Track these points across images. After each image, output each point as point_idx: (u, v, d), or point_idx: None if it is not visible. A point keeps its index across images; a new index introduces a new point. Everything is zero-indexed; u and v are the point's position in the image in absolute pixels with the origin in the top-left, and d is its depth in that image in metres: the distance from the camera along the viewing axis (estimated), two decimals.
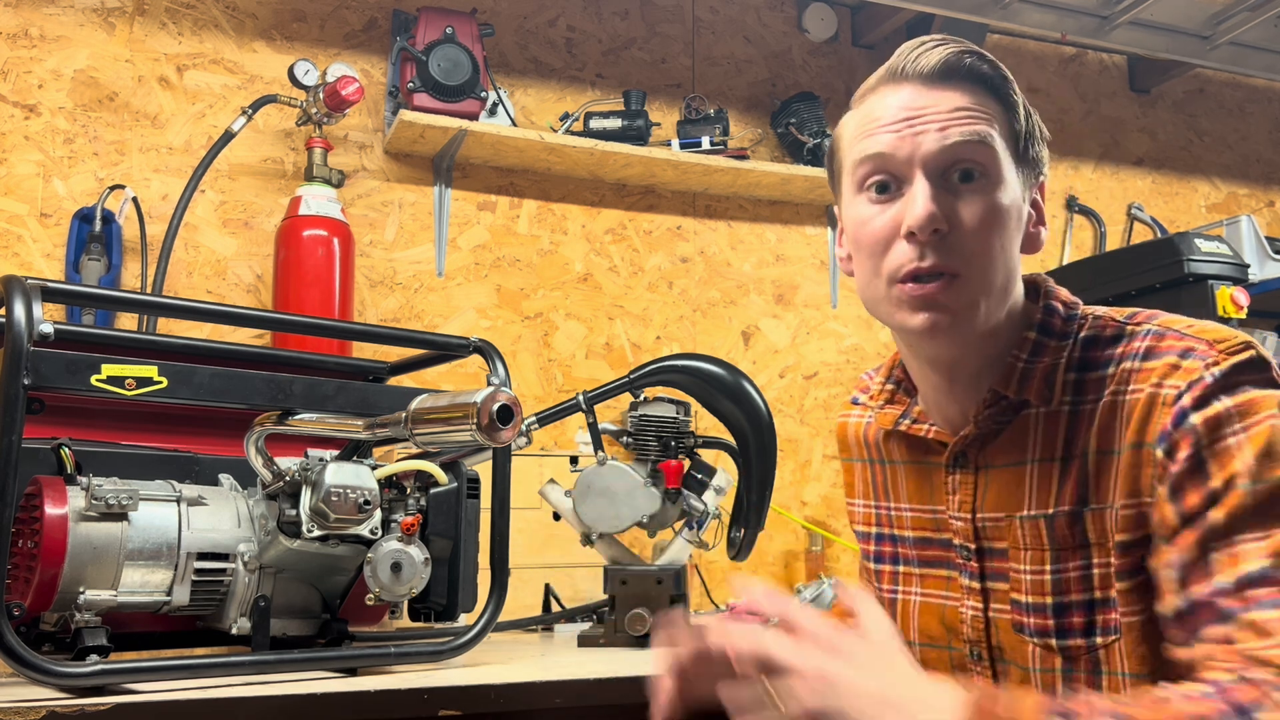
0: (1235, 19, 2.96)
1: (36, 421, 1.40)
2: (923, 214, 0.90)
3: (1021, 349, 0.97)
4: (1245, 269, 2.49)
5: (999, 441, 0.99)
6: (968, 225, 0.92)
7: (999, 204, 0.93)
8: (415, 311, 2.53)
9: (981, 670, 1.01)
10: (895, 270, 0.94)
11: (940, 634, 1.06)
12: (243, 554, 1.37)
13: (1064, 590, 0.93)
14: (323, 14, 2.55)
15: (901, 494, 1.10)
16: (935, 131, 0.92)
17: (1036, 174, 0.99)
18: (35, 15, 2.30)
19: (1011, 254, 0.95)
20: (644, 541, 2.01)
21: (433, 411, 1.24)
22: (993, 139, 0.93)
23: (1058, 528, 0.94)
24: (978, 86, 0.95)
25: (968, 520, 1.01)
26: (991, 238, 0.92)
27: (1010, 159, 0.95)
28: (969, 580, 1.02)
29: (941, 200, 0.91)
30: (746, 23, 2.99)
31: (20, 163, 2.26)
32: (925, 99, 0.94)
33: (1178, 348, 0.90)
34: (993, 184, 0.93)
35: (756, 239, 2.91)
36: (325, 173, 2.33)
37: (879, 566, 1.14)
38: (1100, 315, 0.98)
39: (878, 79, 0.98)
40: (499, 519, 1.54)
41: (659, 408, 1.88)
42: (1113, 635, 0.91)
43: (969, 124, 0.93)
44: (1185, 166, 3.48)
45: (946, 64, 0.94)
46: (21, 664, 1.14)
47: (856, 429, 1.19)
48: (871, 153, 0.94)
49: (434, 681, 1.28)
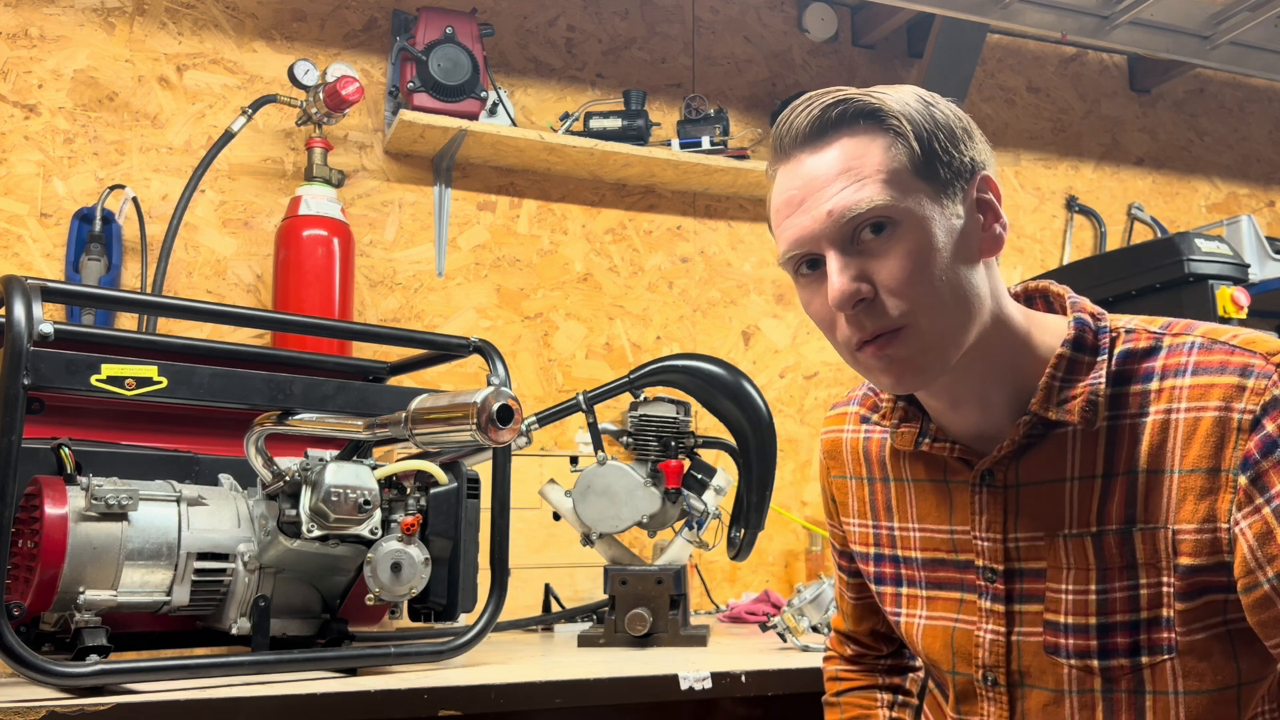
0: (1235, 19, 2.96)
1: (36, 421, 1.40)
2: (837, 291, 0.90)
3: (1057, 368, 0.95)
4: (1245, 269, 2.49)
5: (1030, 459, 0.97)
6: (891, 281, 0.90)
7: (917, 245, 0.90)
8: (415, 311, 2.53)
9: (995, 696, 0.99)
10: (847, 341, 0.94)
11: (944, 658, 1.03)
12: (243, 554, 1.37)
13: (1109, 610, 0.92)
14: (323, 14, 2.55)
15: (911, 514, 1.07)
16: (825, 210, 0.91)
17: (968, 176, 0.94)
18: (35, 15, 2.30)
19: (958, 279, 0.92)
20: (644, 541, 2.02)
21: (433, 411, 1.24)
22: (884, 190, 0.91)
23: (1106, 546, 0.92)
24: (855, 130, 0.93)
25: (997, 541, 0.98)
26: (921, 281, 0.90)
27: (917, 189, 0.92)
28: (990, 603, 0.99)
29: (857, 267, 0.91)
30: (746, 23, 2.99)
31: (20, 163, 2.26)
32: (810, 168, 0.93)
33: (1234, 365, 0.89)
34: (904, 228, 0.91)
35: (756, 239, 2.91)
36: (325, 173, 2.33)
37: (880, 588, 1.11)
38: (1133, 328, 0.96)
39: (771, 156, 0.98)
40: (499, 519, 1.54)
41: (659, 408, 1.88)
42: (1163, 655, 0.90)
43: (855, 185, 0.91)
44: (1185, 166, 3.48)
45: (817, 122, 0.93)
46: (21, 664, 1.14)
47: (854, 444, 1.14)
48: (786, 243, 0.95)
49: (434, 681, 1.28)
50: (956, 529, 1.02)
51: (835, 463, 1.16)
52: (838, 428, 1.17)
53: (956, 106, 0.98)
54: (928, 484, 1.05)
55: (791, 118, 0.94)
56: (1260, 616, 0.86)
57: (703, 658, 1.57)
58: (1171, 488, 0.90)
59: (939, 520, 1.04)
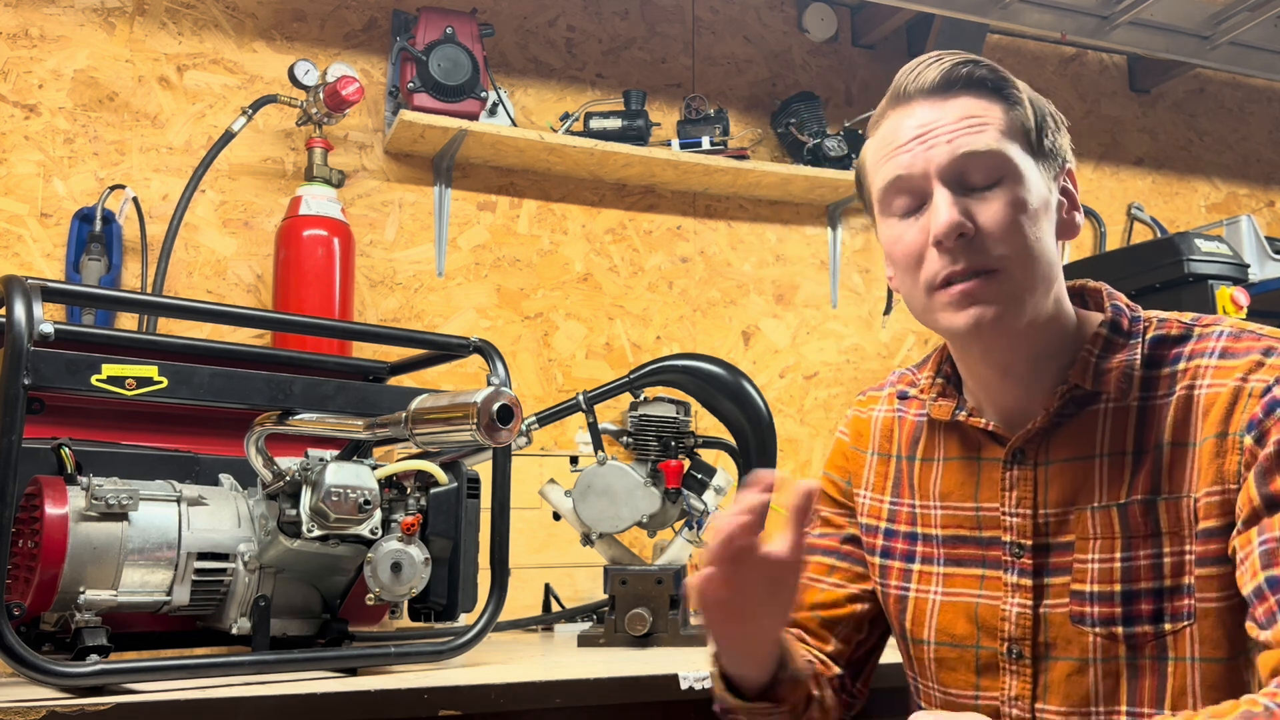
0: (1235, 19, 2.96)
1: (36, 421, 1.40)
2: (945, 221, 0.95)
3: (1094, 344, 1.01)
4: (1245, 269, 2.49)
5: (1060, 436, 1.01)
6: (994, 224, 0.96)
7: (1021, 199, 0.96)
8: (415, 311, 2.53)
9: (1019, 669, 1.01)
10: (932, 278, 0.98)
11: (967, 633, 1.05)
12: (243, 554, 1.37)
13: (1133, 578, 0.95)
14: (323, 14, 2.55)
15: (934, 492, 1.09)
16: (945, 144, 0.97)
17: (1060, 162, 1.03)
18: (35, 15, 2.30)
19: (1046, 244, 0.98)
20: (644, 541, 2.02)
21: (433, 411, 1.24)
22: (1001, 139, 0.97)
23: (1131, 516, 0.96)
24: (980, 92, 0.99)
25: (1027, 516, 1.01)
26: (1020, 231, 0.96)
27: (1025, 154, 0.99)
28: (1017, 577, 1.01)
29: (963, 205, 0.96)
30: (746, 23, 2.99)
31: (20, 163, 2.26)
32: (931, 114, 0.99)
33: (1258, 347, 0.95)
34: (1011, 181, 0.97)
35: (756, 239, 2.91)
36: (325, 173, 2.33)
37: (885, 562, 1.13)
38: (1165, 318, 1.03)
39: (885, 104, 1.04)
40: (499, 519, 1.54)
41: (659, 408, 1.88)
42: (1184, 621, 0.93)
43: (976, 130, 0.97)
44: (1185, 166, 3.48)
45: (945, 76, 0.99)
46: (21, 664, 1.14)
47: (886, 422, 1.17)
48: (891, 177, 1.00)
49: (434, 681, 1.28)
50: (983, 506, 1.05)
51: (859, 438, 1.20)
52: (868, 409, 1.21)
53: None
54: (957, 461, 1.08)
55: (919, 68, 1.00)
56: (1240, 581, 0.89)
57: (703, 657, 1.57)
58: (1194, 459, 0.94)
59: (963, 498, 1.07)
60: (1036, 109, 1.01)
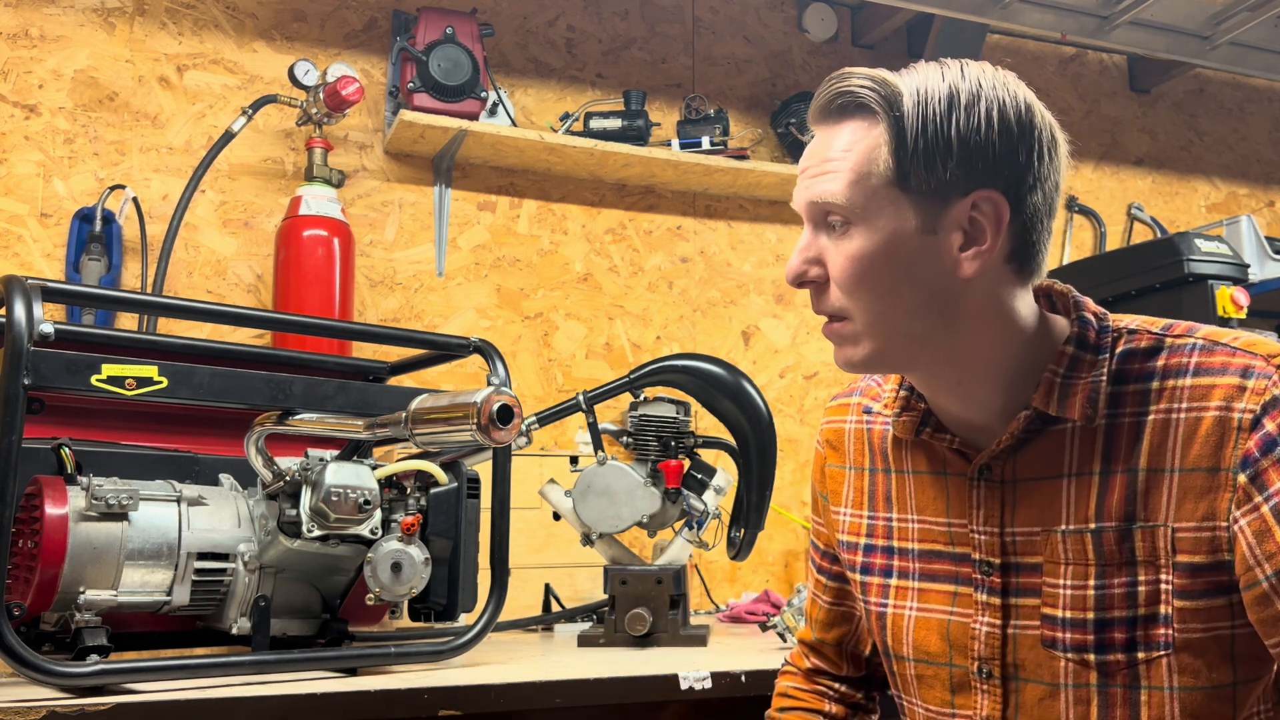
0: (1235, 19, 2.96)
1: (36, 421, 1.40)
2: (788, 270, 0.97)
3: (1059, 364, 0.95)
4: (1245, 269, 2.49)
5: (1027, 454, 0.98)
6: (836, 273, 0.94)
7: (864, 250, 0.92)
8: (415, 311, 2.53)
9: (990, 689, 0.99)
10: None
11: (940, 650, 1.03)
12: (243, 554, 1.37)
13: (1107, 606, 0.93)
14: (323, 14, 2.55)
15: (910, 505, 1.07)
16: (804, 187, 0.96)
17: (958, 191, 0.91)
18: (35, 15, 2.30)
19: (903, 293, 0.92)
20: (644, 541, 2.02)
21: (433, 411, 1.24)
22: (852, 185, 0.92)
23: (1105, 542, 0.93)
24: (865, 115, 0.93)
25: (994, 534, 0.99)
26: (859, 283, 0.93)
27: (888, 194, 0.91)
28: (986, 595, 0.99)
29: (817, 249, 0.96)
30: (746, 23, 2.99)
31: (20, 163, 2.26)
32: (817, 144, 0.97)
33: (1235, 365, 0.90)
34: (860, 227, 0.92)
35: (756, 239, 2.91)
36: (325, 173, 2.33)
37: (866, 578, 1.11)
38: (1135, 329, 0.97)
39: None
40: (499, 519, 1.54)
41: (659, 408, 1.88)
42: (1159, 651, 0.91)
43: (827, 174, 0.93)
44: (1185, 166, 3.48)
45: (828, 101, 0.95)
46: (21, 664, 1.14)
47: (858, 433, 1.14)
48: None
49: (434, 681, 1.28)
50: (954, 522, 1.03)
51: (835, 453, 1.17)
52: (840, 418, 1.17)
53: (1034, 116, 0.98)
54: (927, 476, 1.06)
55: (821, 89, 0.97)
56: (1260, 614, 0.87)
57: (703, 657, 1.58)
58: (1171, 486, 0.91)
59: (937, 513, 1.04)
60: (922, 139, 0.90)
